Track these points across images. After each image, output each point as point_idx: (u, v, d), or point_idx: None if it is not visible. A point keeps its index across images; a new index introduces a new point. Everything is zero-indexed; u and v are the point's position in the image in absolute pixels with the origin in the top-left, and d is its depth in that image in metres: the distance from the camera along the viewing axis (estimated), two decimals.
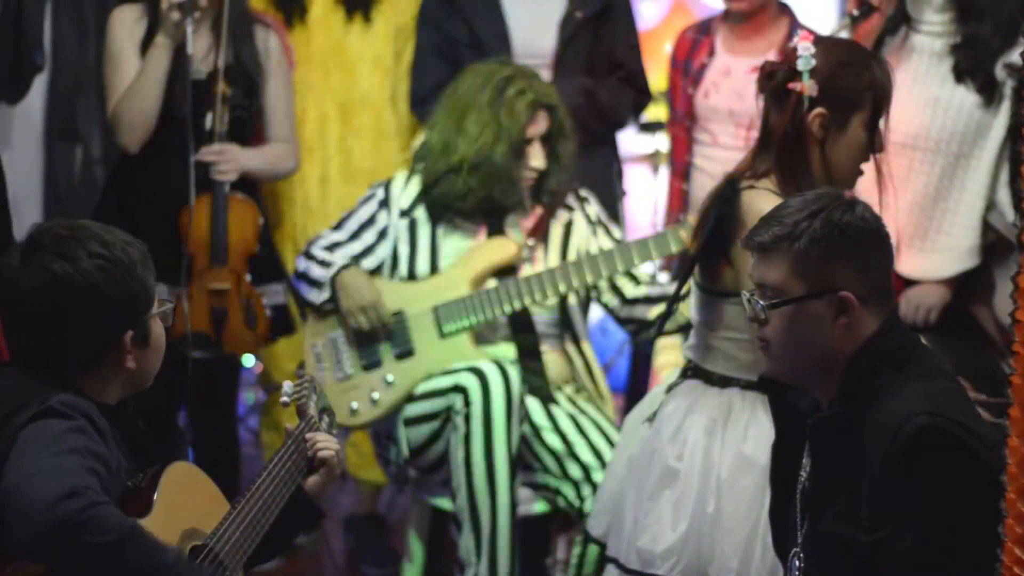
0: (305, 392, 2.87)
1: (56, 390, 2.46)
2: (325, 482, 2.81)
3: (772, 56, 4.23)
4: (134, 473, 2.53)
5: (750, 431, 3.20)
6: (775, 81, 3.26)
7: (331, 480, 2.83)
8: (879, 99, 3.26)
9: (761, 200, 3.13)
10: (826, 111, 3.22)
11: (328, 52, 4.61)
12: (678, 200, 4.46)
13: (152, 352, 2.61)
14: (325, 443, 2.81)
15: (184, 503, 2.53)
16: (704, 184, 4.32)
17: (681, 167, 4.44)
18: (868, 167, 3.34)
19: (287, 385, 2.87)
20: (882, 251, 2.60)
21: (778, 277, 2.57)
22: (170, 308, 2.65)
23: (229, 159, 4.14)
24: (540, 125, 3.92)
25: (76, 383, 2.52)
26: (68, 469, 2.32)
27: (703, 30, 4.44)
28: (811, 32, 4.28)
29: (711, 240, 3.20)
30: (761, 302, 2.58)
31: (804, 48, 3.23)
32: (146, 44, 4.15)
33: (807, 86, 3.21)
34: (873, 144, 3.28)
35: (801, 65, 3.21)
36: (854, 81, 3.25)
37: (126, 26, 4.19)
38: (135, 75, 4.12)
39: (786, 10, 4.39)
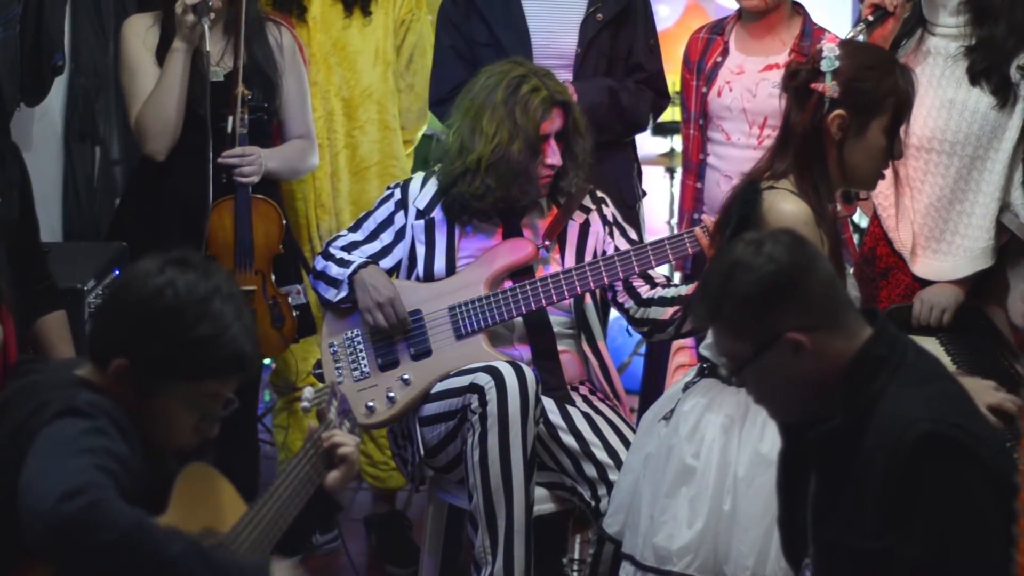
0: (325, 397, 2.90)
1: (82, 390, 2.48)
2: (345, 477, 2.85)
3: (786, 55, 4.25)
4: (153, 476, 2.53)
5: (767, 430, 3.21)
6: (798, 80, 3.29)
7: (351, 476, 2.87)
8: (901, 105, 3.27)
9: (782, 201, 3.15)
10: (845, 113, 3.24)
11: (329, 49, 4.62)
12: (691, 198, 4.47)
13: (159, 422, 2.54)
14: (343, 440, 2.85)
15: (200, 503, 2.55)
16: (717, 182, 4.34)
17: (695, 166, 4.45)
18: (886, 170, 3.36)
19: (308, 391, 2.90)
20: (806, 275, 2.55)
21: (726, 347, 2.60)
22: (221, 416, 2.60)
23: (252, 161, 4.15)
24: (555, 122, 3.90)
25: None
26: (76, 469, 2.31)
27: (716, 30, 4.44)
28: (825, 31, 4.31)
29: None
30: (725, 372, 2.61)
31: (829, 49, 3.26)
32: (160, 51, 4.16)
33: (828, 87, 3.23)
34: (893, 150, 3.30)
35: (825, 66, 3.23)
36: (876, 85, 3.26)
37: (139, 34, 4.20)
38: (156, 83, 4.12)
39: (800, 10, 4.40)
